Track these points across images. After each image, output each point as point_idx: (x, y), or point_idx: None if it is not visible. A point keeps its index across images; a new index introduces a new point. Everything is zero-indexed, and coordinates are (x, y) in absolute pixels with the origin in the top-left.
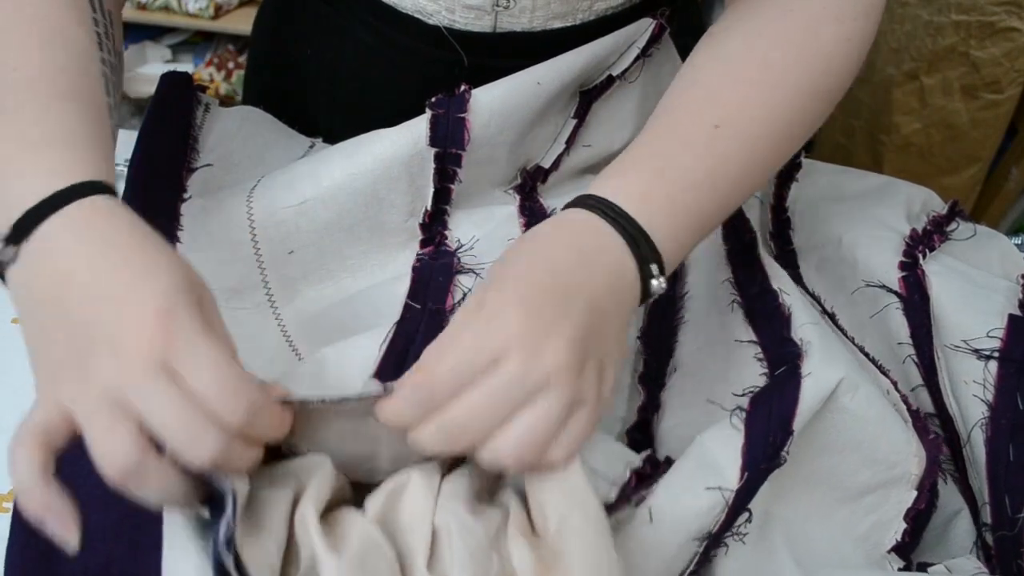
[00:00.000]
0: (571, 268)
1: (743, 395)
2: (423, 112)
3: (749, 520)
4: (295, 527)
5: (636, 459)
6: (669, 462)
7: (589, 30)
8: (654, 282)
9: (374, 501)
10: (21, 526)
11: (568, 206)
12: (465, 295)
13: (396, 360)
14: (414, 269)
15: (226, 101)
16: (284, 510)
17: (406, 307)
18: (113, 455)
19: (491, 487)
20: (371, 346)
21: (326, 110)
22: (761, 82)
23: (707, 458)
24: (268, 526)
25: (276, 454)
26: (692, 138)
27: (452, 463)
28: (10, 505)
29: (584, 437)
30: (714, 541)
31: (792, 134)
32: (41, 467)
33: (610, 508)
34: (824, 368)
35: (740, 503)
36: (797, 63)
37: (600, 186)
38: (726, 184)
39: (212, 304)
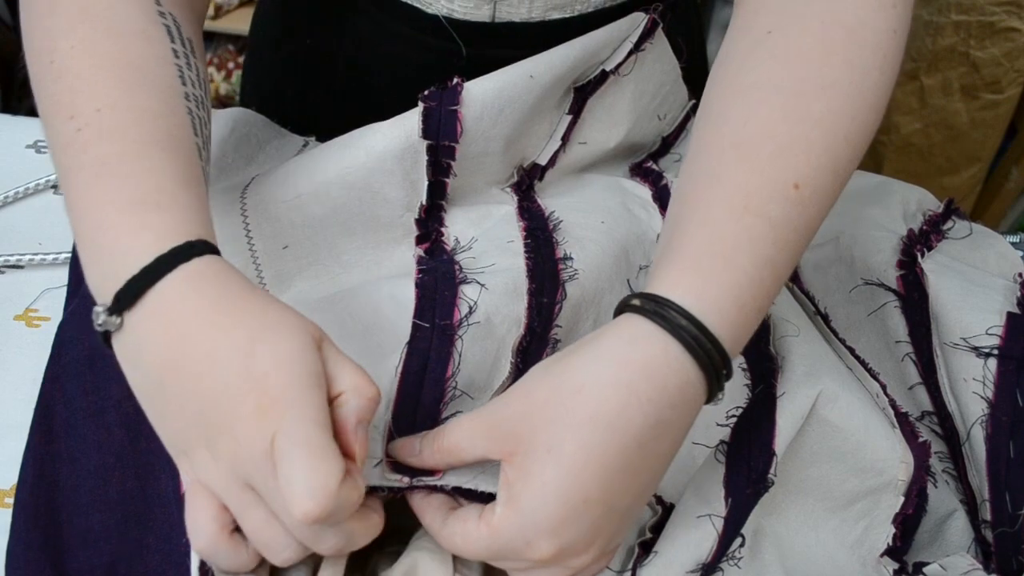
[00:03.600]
0: (634, 459)
1: (727, 421)
2: (418, 96)
3: (743, 544)
4: None
5: (644, 516)
6: (670, 509)
7: (588, 22)
8: (714, 401)
9: None
10: (23, 522)
11: (653, 315)
12: (471, 308)
13: (415, 381)
14: (417, 285)
15: (226, 101)
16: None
17: (415, 327)
18: (274, 551)
19: None
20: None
21: (324, 102)
22: (824, 119)
23: (696, 497)
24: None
25: None
26: (774, 210)
27: None
28: (11, 500)
29: (602, 570)
30: (709, 570)
31: (846, 178)
32: (219, 529)
33: None
34: (800, 383)
35: (732, 529)
36: (851, 86)
37: (688, 287)
38: (796, 261)
39: (327, 340)
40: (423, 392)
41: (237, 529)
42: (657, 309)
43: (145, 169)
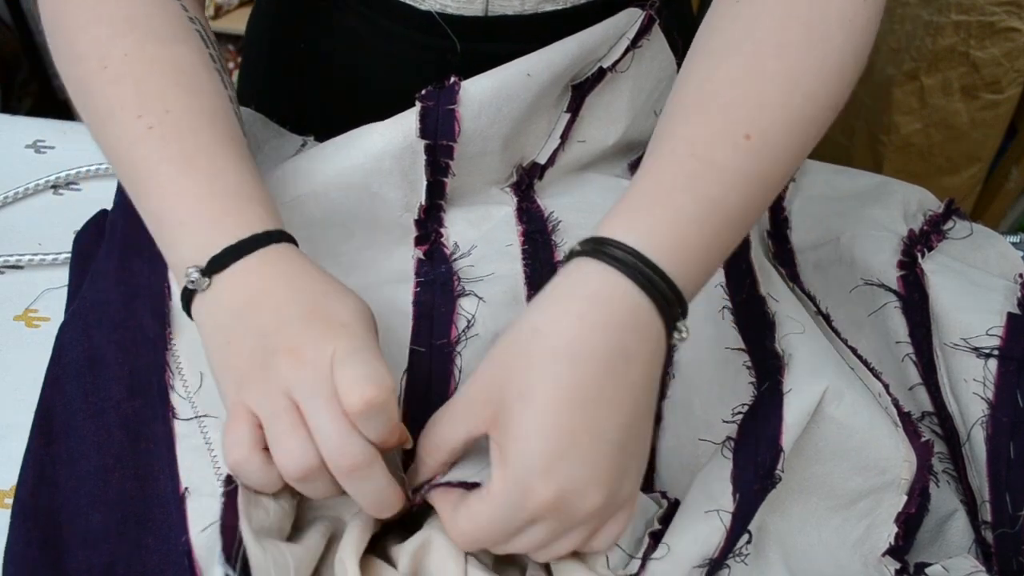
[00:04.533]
0: (606, 387)
1: (733, 418)
2: (415, 96)
3: (749, 541)
4: (335, 569)
5: (651, 509)
6: (676, 504)
7: (581, 14)
8: (676, 335)
9: (401, 560)
10: (22, 522)
11: (594, 253)
12: (469, 323)
13: (420, 406)
14: (415, 303)
15: None
16: (323, 533)
17: (412, 352)
18: (289, 458)
19: None
20: None
21: (320, 103)
22: (778, 75)
23: (703, 492)
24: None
25: None
26: (721, 156)
27: None
28: (11, 501)
29: (622, 531)
30: (716, 565)
31: (814, 135)
32: (253, 445)
33: None
34: (806, 380)
35: (739, 525)
36: (811, 47)
37: (627, 225)
38: (755, 209)
39: (377, 336)
40: (430, 412)
41: (266, 450)
42: (595, 247)
43: (223, 165)
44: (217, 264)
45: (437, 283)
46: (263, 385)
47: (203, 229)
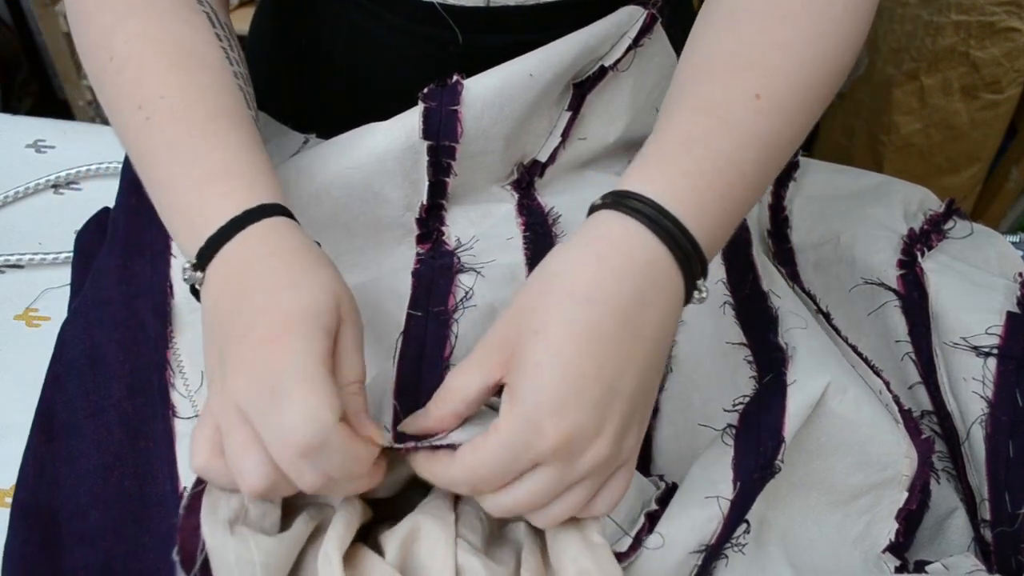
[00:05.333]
0: (620, 333)
1: (734, 408)
2: (418, 93)
3: (747, 531)
4: (319, 562)
5: (649, 491)
6: (674, 488)
7: (583, 6)
8: (696, 294)
9: (390, 548)
10: (21, 519)
11: (614, 204)
12: (467, 293)
13: (413, 368)
14: (414, 275)
15: None
16: (308, 522)
17: (408, 317)
18: (245, 478)
19: (500, 520)
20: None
21: (321, 99)
22: (784, 41)
23: (702, 477)
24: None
25: None
26: (733, 113)
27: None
28: (11, 500)
29: (623, 492)
30: (713, 553)
31: (821, 100)
32: (212, 451)
33: (623, 555)
34: (810, 374)
35: (737, 513)
36: (812, 15)
37: (645, 179)
38: (768, 170)
39: (353, 329)
40: (422, 376)
41: None
42: (615, 199)
43: (213, 143)
44: (205, 257)
45: (437, 263)
46: (220, 396)
47: (189, 221)
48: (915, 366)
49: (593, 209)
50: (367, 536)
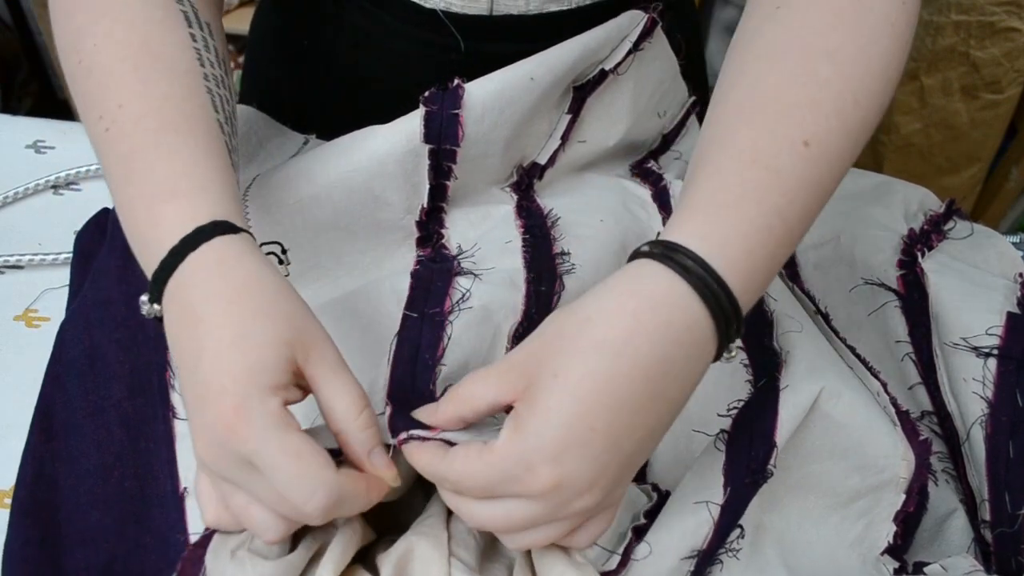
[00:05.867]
0: (639, 393)
1: (728, 413)
2: (419, 98)
3: (742, 536)
4: None
5: (640, 502)
6: (666, 497)
7: (585, 14)
8: (725, 355)
9: (384, 570)
10: (21, 519)
11: (662, 257)
12: (464, 295)
13: (407, 369)
14: (413, 275)
15: None
16: (309, 546)
17: (404, 318)
18: (259, 531)
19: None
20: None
21: (322, 100)
22: (830, 81)
23: (694, 483)
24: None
25: None
26: (782, 163)
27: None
28: (11, 500)
29: (603, 531)
30: (706, 559)
31: (864, 140)
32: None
33: (612, 573)
34: (803, 378)
35: (729, 518)
36: (859, 52)
37: (696, 232)
38: (812, 217)
39: (325, 354)
40: (416, 378)
41: None
42: (664, 252)
43: (167, 156)
44: (155, 291)
45: (437, 264)
46: (209, 451)
47: (143, 246)
48: (915, 366)
49: (637, 254)
50: (366, 556)
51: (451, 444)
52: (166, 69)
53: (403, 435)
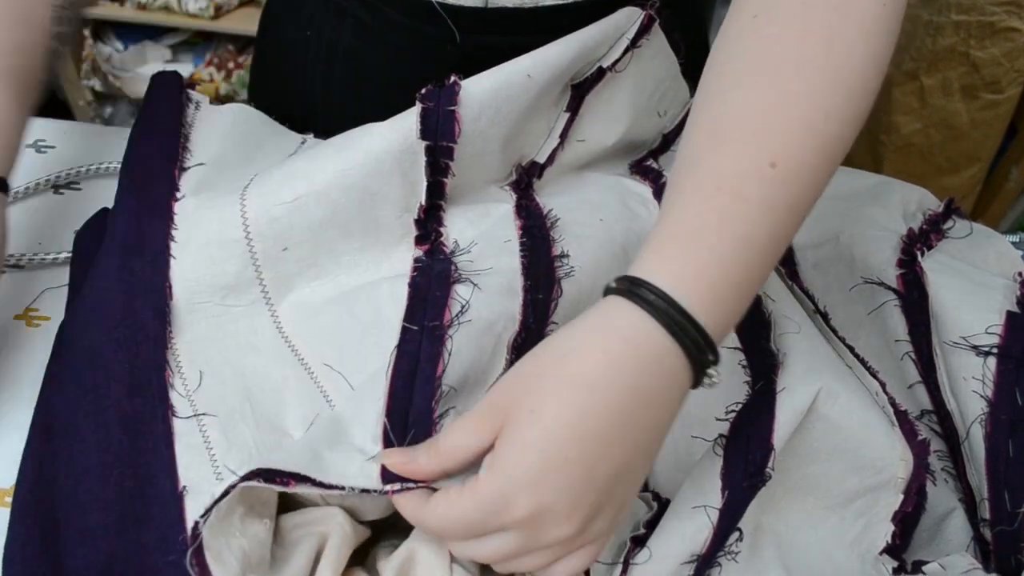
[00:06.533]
0: (613, 425)
1: (726, 415)
2: (416, 91)
3: (740, 539)
4: None
5: (639, 511)
6: (666, 505)
7: (581, 9)
8: (707, 380)
9: (387, 574)
10: (21, 520)
11: (627, 293)
12: (463, 307)
13: (405, 383)
14: (410, 285)
15: (226, 101)
16: (309, 553)
17: (404, 330)
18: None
19: None
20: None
21: (323, 92)
22: (801, 96)
23: (692, 489)
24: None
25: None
26: (748, 188)
27: None
28: (11, 500)
29: (581, 569)
30: (705, 562)
31: (838, 156)
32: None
33: None
34: (801, 380)
35: (727, 522)
36: (831, 62)
37: (658, 267)
38: (784, 240)
39: None
40: (414, 392)
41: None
42: (629, 287)
43: None
44: None
45: (435, 270)
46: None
47: None
48: (915, 365)
49: (607, 291)
50: (364, 560)
51: (434, 489)
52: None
53: (396, 485)
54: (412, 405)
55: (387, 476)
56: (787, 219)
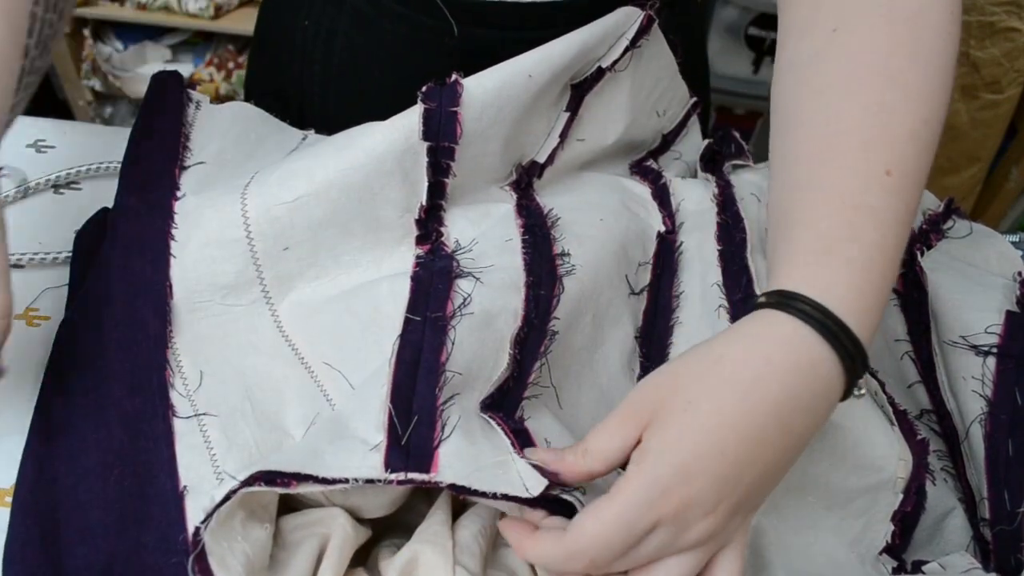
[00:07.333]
0: (768, 429)
1: None
2: (413, 82)
3: None
4: None
5: None
6: None
7: (579, 6)
8: (856, 391)
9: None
10: (21, 519)
11: (780, 305)
12: (465, 300)
13: (408, 372)
14: (413, 278)
15: (226, 101)
16: (311, 555)
17: (406, 321)
18: None
19: (494, 545)
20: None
21: (321, 80)
22: (898, 106)
23: None
24: (294, 566)
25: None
26: (873, 199)
27: (457, 508)
28: (11, 500)
29: (739, 570)
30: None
31: (933, 156)
32: None
33: None
34: None
35: None
36: (919, 71)
37: (806, 279)
38: (905, 239)
39: None
40: (418, 381)
41: None
42: (781, 300)
43: None
44: None
45: (436, 265)
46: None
47: None
48: (914, 365)
49: (757, 307)
50: (366, 560)
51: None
52: None
53: (400, 475)
54: (416, 393)
55: (391, 464)
56: (907, 222)
